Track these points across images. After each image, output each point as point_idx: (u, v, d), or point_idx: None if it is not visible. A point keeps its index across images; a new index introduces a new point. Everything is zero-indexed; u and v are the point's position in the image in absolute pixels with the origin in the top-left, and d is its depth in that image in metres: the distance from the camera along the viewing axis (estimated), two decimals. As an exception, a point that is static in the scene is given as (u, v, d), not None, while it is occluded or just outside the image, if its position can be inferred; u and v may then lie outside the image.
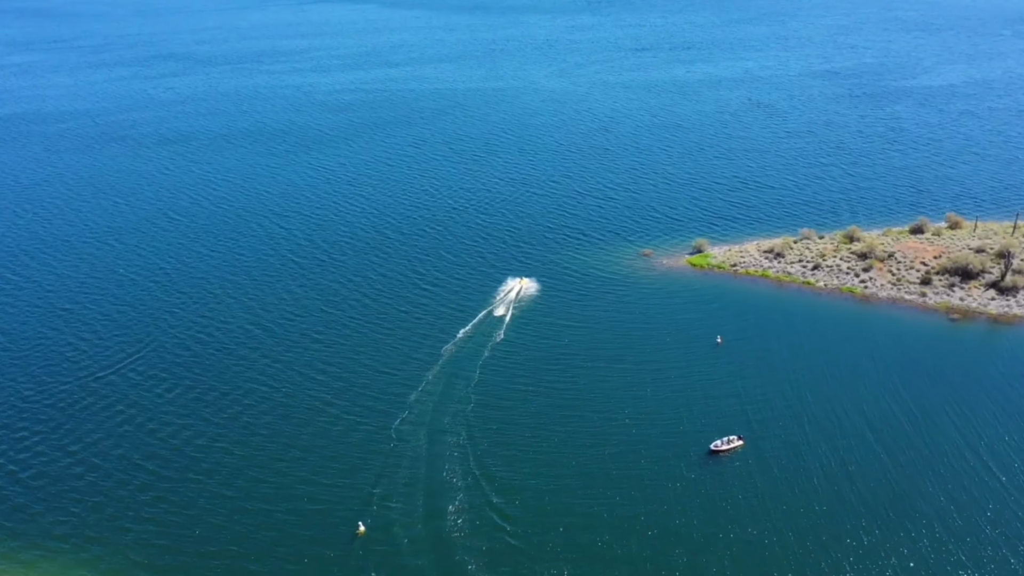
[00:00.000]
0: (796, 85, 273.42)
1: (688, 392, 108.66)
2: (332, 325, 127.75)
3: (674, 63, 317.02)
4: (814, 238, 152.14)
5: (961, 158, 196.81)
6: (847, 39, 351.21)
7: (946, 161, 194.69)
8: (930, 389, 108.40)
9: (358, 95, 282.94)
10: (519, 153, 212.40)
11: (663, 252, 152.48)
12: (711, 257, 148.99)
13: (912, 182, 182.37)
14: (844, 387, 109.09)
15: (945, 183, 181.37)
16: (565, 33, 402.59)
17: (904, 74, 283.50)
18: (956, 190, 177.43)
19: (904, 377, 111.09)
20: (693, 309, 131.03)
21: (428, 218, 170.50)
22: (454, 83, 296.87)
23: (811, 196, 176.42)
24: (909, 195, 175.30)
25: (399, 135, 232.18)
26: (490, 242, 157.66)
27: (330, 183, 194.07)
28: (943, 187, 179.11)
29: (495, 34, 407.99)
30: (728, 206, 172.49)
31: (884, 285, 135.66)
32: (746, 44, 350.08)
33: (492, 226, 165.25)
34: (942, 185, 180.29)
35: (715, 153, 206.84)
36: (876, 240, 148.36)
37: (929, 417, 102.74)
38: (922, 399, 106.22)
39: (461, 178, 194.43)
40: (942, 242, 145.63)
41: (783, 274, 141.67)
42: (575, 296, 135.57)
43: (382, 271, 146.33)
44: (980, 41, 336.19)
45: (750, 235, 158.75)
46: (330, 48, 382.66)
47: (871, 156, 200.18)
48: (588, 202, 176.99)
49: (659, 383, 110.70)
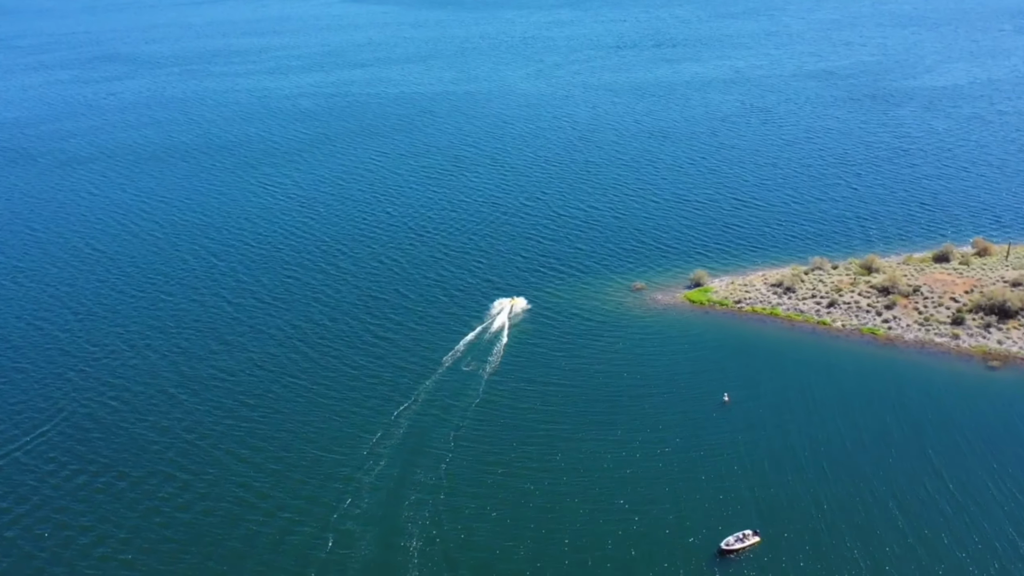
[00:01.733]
0: (790, 86, 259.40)
1: (692, 469, 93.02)
2: (269, 387, 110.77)
3: (659, 62, 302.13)
4: (827, 268, 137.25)
5: (976, 169, 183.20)
6: (841, 35, 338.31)
7: (960, 173, 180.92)
8: (970, 457, 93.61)
9: (317, 101, 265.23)
10: (490, 168, 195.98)
11: (657, 285, 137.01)
12: (712, 292, 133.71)
13: (927, 198, 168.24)
14: (870, 457, 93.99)
15: (963, 199, 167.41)
16: (543, 30, 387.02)
17: (904, 74, 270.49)
18: (975, 207, 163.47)
19: (939, 442, 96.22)
20: (694, 358, 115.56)
21: (385, 248, 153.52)
22: (422, 86, 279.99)
23: (818, 216, 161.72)
24: (925, 214, 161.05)
25: (359, 148, 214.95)
26: (458, 276, 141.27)
27: (278, 206, 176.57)
28: (961, 204, 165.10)
29: (468, 31, 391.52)
30: (726, 229, 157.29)
31: (910, 325, 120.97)
32: (735, 41, 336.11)
33: (460, 257, 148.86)
34: (960, 202, 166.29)
35: (707, 166, 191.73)
36: (897, 271, 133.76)
37: (971, 493, 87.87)
38: (961, 470, 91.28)
39: (424, 198, 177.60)
40: (972, 273, 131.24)
41: (794, 312, 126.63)
42: (556, 344, 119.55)
43: (330, 315, 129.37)
44: (980, 37, 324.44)
45: (753, 264, 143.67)
46: (290, 47, 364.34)
47: (878, 168, 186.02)
48: (568, 226, 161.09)
49: (658, 457, 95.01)
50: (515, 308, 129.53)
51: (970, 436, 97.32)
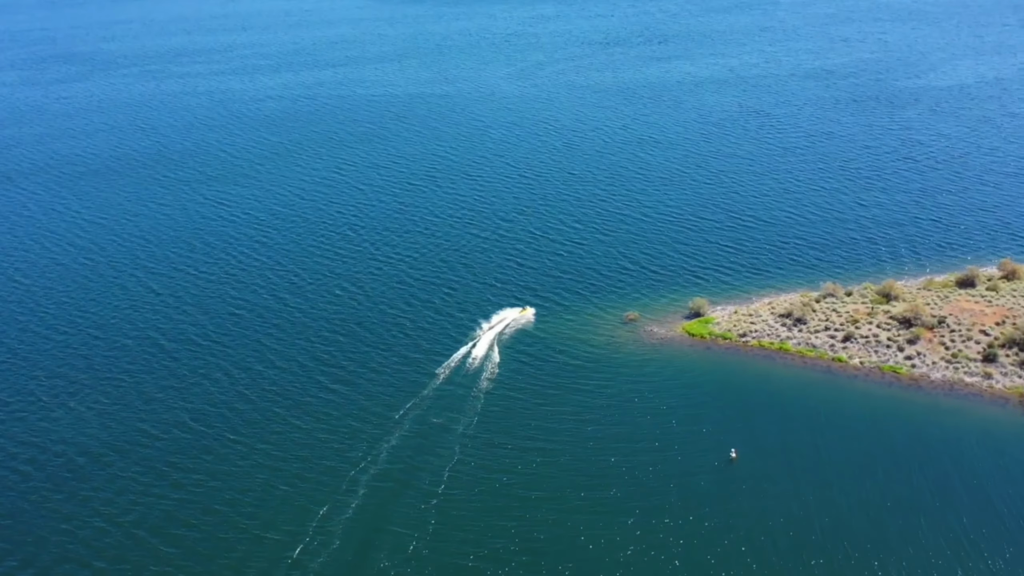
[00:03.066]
0: (788, 87, 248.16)
1: (697, 552, 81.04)
2: (207, 447, 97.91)
3: (648, 61, 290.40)
4: (840, 295, 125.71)
5: (991, 179, 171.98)
6: (838, 31, 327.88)
7: (975, 185, 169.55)
8: (1011, 523, 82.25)
9: (282, 104, 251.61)
10: (465, 181, 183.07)
11: (652, 315, 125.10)
12: (713, 322, 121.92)
13: (940, 214, 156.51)
14: (896, 529, 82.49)
15: (980, 214, 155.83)
16: (526, 25, 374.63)
17: (907, 72, 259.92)
18: (994, 223, 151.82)
19: (973, 506, 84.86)
20: (696, 404, 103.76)
21: (344, 277, 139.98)
22: (395, 88, 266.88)
23: (824, 234, 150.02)
24: (940, 232, 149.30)
25: (324, 158, 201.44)
26: (424, 310, 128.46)
27: (231, 226, 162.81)
28: (979, 219, 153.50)
29: (446, 27, 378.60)
30: (725, 249, 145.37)
31: (936, 363, 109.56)
32: (727, 37, 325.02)
33: (426, 287, 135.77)
34: (977, 217, 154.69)
35: (701, 177, 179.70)
36: (918, 297, 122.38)
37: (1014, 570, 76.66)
38: (999, 540, 79.82)
39: (390, 217, 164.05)
40: (1002, 301, 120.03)
41: (806, 347, 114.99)
42: (538, 390, 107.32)
43: (279, 358, 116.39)
44: (984, 32, 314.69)
45: (758, 290, 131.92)
46: (257, 45, 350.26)
47: (886, 179, 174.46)
48: (550, 248, 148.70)
49: (657, 532, 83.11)
50: (491, 347, 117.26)
51: (1011, 504, 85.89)
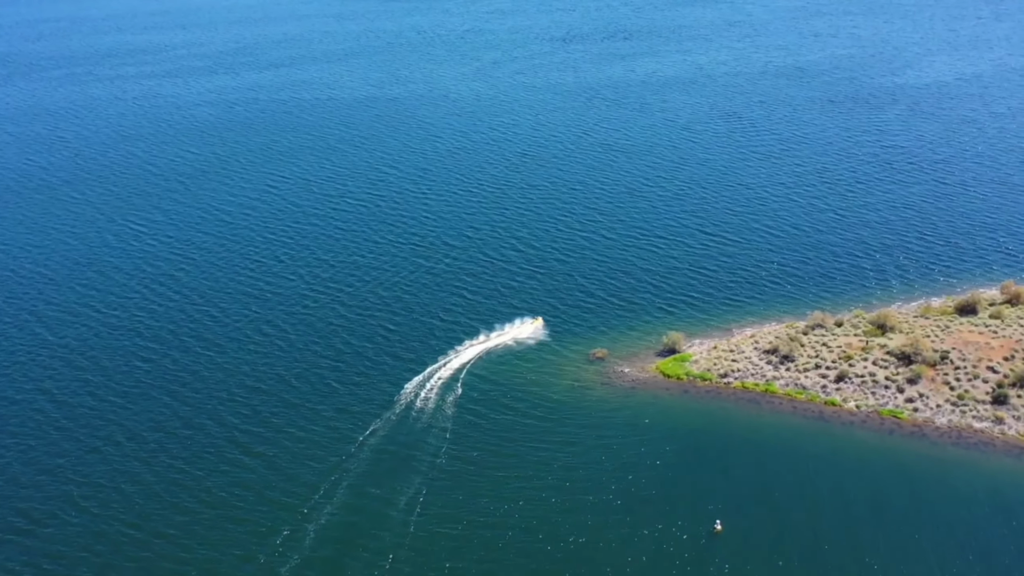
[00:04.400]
0: (759, 87, 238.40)
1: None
2: (88, 542, 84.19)
3: (611, 59, 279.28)
4: (829, 325, 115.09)
5: (977, 188, 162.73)
6: (809, 25, 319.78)
7: (961, 194, 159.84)
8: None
9: (217, 111, 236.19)
10: (412, 197, 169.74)
11: (622, 352, 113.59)
12: (691, 360, 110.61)
13: (927, 227, 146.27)
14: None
15: (969, 228, 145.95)
16: (482, 21, 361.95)
17: (882, 70, 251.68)
18: (986, 237, 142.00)
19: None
20: (673, 462, 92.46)
21: (269, 314, 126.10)
22: (341, 91, 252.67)
23: (804, 253, 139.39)
24: (929, 248, 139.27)
25: (258, 171, 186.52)
26: (360, 352, 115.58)
27: (144, 254, 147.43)
28: (969, 234, 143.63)
29: (398, 24, 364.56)
30: (699, 273, 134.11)
31: (941, 406, 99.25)
32: (694, 32, 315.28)
33: (363, 324, 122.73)
34: (967, 231, 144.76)
35: (669, 189, 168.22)
36: (916, 328, 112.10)
37: None
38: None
39: (327, 242, 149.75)
40: (1008, 331, 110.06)
41: (795, 389, 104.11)
42: (492, 449, 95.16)
43: (188, 418, 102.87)
44: (959, 25, 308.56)
45: (738, 320, 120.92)
46: (194, 44, 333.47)
47: (866, 188, 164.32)
48: (503, 273, 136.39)
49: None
50: (440, 398, 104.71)
51: (1046, 582, 75.68)
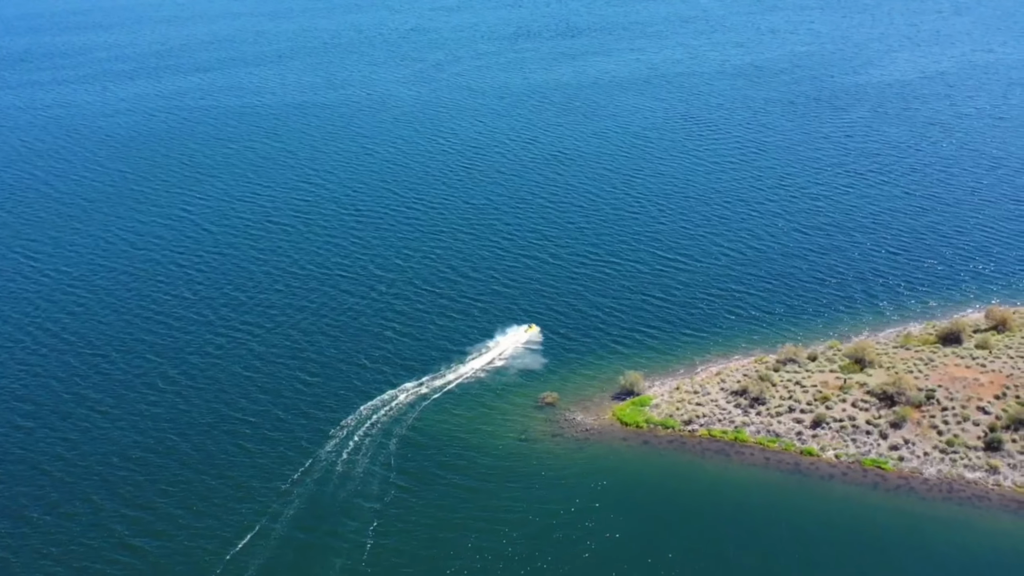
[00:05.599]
0: (716, 87, 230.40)
1: None
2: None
3: (560, 59, 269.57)
4: (802, 359, 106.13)
5: (949, 195, 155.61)
6: (766, 20, 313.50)
7: (932, 205, 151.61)
8: None
9: (133, 121, 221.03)
10: (339, 219, 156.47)
11: (574, 395, 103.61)
12: (651, 403, 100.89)
13: (899, 243, 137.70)
14: None
15: (944, 243, 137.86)
16: (426, 19, 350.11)
17: (844, 68, 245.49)
18: (960, 254, 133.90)
19: None
20: (632, 530, 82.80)
21: (173, 358, 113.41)
22: (272, 97, 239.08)
23: (768, 275, 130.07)
24: (902, 266, 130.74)
25: (172, 191, 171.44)
26: (265, 406, 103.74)
27: (20, 299, 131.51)
28: (942, 250, 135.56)
29: (337, 23, 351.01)
30: (656, 301, 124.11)
31: (930, 454, 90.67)
32: (647, 29, 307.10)
33: (275, 371, 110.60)
34: (942, 247, 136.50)
35: (621, 204, 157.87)
36: (897, 361, 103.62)
37: None
38: None
39: (241, 271, 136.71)
40: (997, 363, 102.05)
41: (767, 437, 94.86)
42: (424, 525, 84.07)
43: (50, 505, 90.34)
44: (919, 20, 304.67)
45: (701, 354, 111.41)
46: (116, 46, 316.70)
47: (831, 199, 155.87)
48: (438, 306, 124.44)
49: None
50: (364, 456, 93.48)
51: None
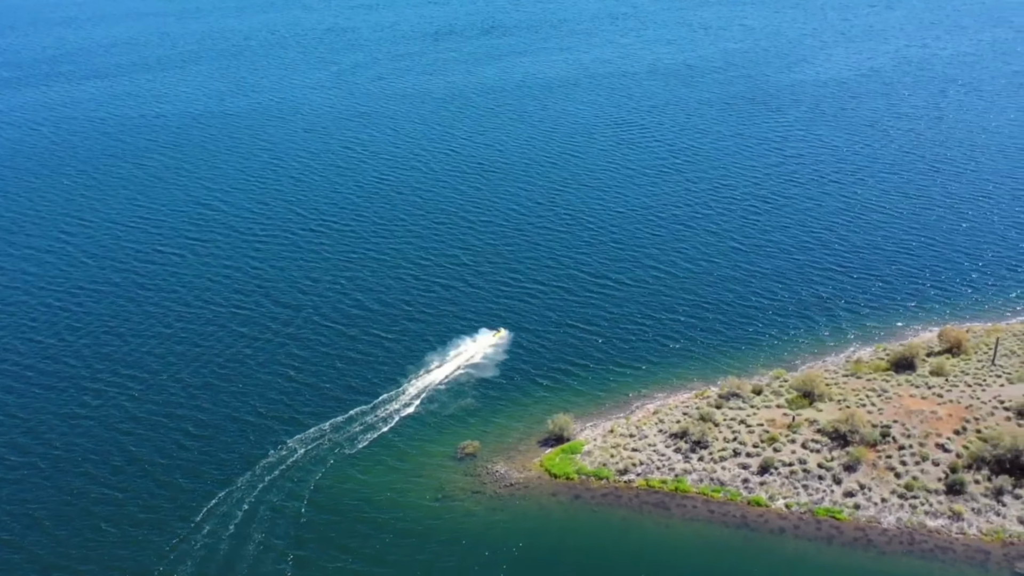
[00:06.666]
0: (648, 89, 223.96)
1: None
2: None
3: (485, 59, 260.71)
4: (746, 393, 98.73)
5: (891, 203, 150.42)
6: (697, 16, 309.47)
7: (873, 214, 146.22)
8: None
9: (14, 136, 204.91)
10: (238, 244, 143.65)
11: (497, 443, 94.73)
12: (583, 450, 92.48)
13: (838, 256, 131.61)
14: None
15: (885, 253, 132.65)
16: (345, 18, 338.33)
17: (779, 66, 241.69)
18: (909, 265, 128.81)
19: None
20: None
21: (32, 418, 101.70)
22: (172, 105, 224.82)
23: (703, 296, 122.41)
24: (847, 283, 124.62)
25: (52, 215, 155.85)
26: (139, 474, 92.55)
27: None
28: (890, 262, 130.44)
29: (249, 23, 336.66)
30: (584, 331, 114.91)
31: (888, 500, 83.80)
32: (575, 27, 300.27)
33: (148, 431, 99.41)
34: (883, 259, 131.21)
35: (547, 219, 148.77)
36: (848, 392, 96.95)
37: None
38: None
39: (120, 308, 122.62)
40: (954, 392, 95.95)
41: (711, 485, 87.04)
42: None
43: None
44: (851, 15, 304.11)
45: (636, 389, 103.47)
46: (4, 51, 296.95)
47: (769, 209, 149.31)
48: (338, 345, 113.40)
49: None
50: (254, 530, 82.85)
51: None
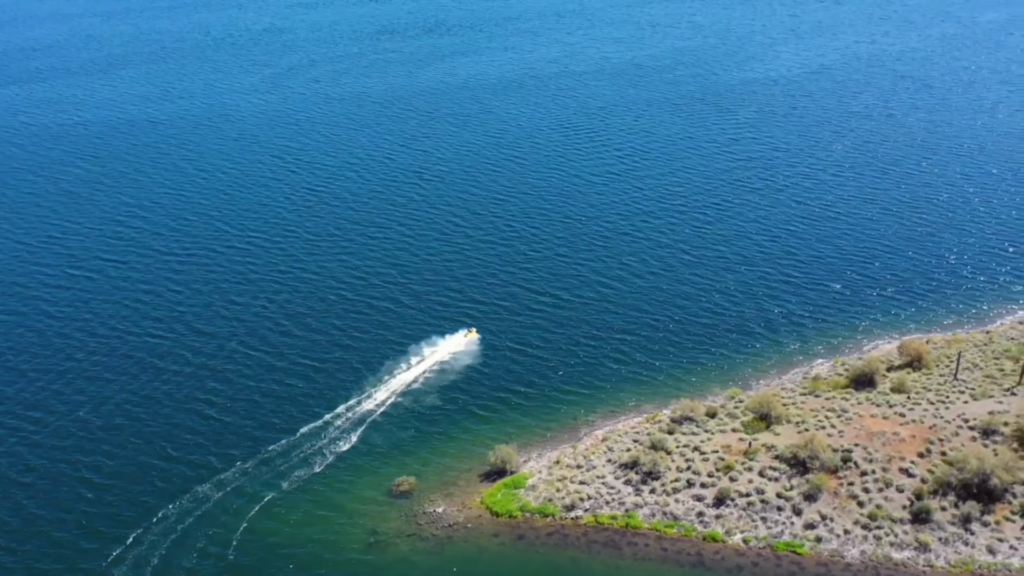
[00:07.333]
0: (595, 90, 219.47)
1: None
2: None
3: (426, 60, 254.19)
4: (700, 416, 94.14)
5: (845, 206, 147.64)
6: (645, 13, 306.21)
7: (827, 220, 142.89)
8: None
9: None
10: (155, 264, 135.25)
11: (436, 479, 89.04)
12: (527, 486, 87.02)
13: (798, 264, 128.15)
14: None
15: (842, 258, 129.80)
16: (282, 17, 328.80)
17: (728, 64, 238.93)
18: (865, 272, 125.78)
19: None
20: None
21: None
22: (96, 112, 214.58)
23: (656, 311, 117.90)
24: (801, 291, 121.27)
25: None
26: (45, 524, 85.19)
27: None
28: (846, 269, 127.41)
29: (181, 23, 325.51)
30: (526, 351, 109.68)
31: (850, 531, 79.57)
32: (520, 25, 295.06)
33: (50, 480, 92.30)
34: (841, 264, 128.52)
35: (490, 233, 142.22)
36: (807, 413, 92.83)
37: None
38: None
39: (18, 340, 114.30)
40: (916, 410, 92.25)
41: (664, 520, 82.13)
42: None
43: None
44: (800, 10, 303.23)
45: (584, 413, 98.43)
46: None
47: (719, 215, 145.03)
48: (260, 377, 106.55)
49: None
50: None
51: None
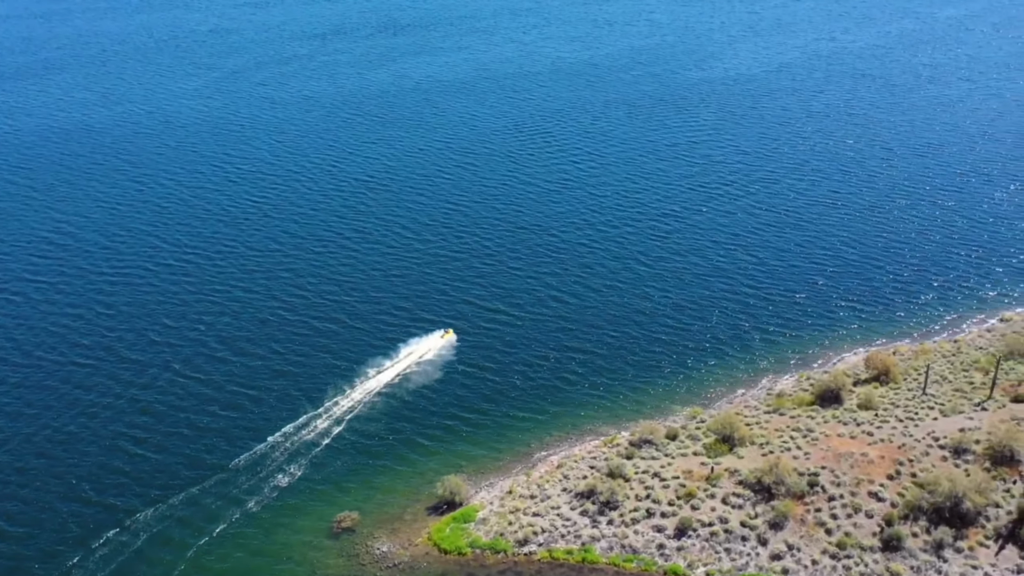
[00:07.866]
0: (551, 91, 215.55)
1: None
2: None
3: (378, 61, 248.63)
4: (659, 439, 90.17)
5: (808, 210, 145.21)
6: (602, 11, 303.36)
7: (784, 220, 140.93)
8: None
9: None
10: (83, 282, 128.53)
11: (380, 514, 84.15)
12: (477, 519, 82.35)
13: (760, 272, 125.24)
14: None
15: (807, 264, 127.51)
16: (229, 18, 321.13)
17: (687, 63, 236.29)
18: (829, 279, 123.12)
19: None
20: None
21: None
22: (26, 120, 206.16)
23: (610, 324, 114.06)
24: (767, 304, 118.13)
25: None
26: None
27: None
28: (809, 277, 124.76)
29: (123, 24, 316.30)
30: (475, 372, 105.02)
31: (818, 561, 75.92)
32: (474, 24, 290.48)
33: None
34: (806, 270, 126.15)
35: (440, 247, 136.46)
36: (771, 433, 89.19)
37: None
38: None
39: None
40: (884, 429, 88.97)
41: (623, 554, 78.02)
42: None
43: None
44: (759, 7, 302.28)
45: (536, 439, 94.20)
46: None
47: (677, 222, 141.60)
48: (198, 402, 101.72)
49: None
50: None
51: None
